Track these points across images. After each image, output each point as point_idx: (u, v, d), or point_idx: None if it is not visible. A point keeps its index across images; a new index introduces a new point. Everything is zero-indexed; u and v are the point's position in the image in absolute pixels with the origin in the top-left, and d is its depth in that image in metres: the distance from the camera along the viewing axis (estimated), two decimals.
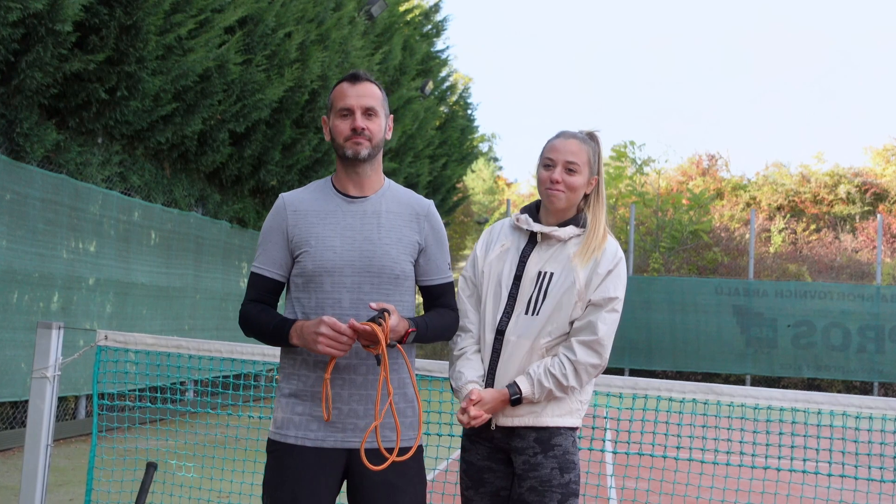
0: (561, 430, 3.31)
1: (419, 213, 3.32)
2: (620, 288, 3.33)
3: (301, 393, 3.17)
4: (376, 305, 3.03)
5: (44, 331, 5.03)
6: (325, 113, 14.71)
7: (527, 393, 3.26)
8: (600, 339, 3.26)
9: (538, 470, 3.27)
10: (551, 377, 3.25)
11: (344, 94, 3.23)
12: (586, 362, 3.27)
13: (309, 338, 3.02)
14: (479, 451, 3.42)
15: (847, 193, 29.92)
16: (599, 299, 3.29)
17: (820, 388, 20.00)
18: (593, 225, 3.40)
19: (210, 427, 7.04)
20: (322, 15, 14.67)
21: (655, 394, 4.68)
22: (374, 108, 3.22)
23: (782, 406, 4.53)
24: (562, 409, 3.32)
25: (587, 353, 3.27)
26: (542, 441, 3.30)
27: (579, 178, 3.40)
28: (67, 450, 9.42)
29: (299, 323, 3.09)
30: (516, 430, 3.33)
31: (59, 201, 9.89)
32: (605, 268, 3.31)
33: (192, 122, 11.69)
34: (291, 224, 3.23)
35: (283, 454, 3.14)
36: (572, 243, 3.39)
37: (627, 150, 28.86)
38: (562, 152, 3.41)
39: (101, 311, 10.81)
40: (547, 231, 3.40)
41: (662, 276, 22.35)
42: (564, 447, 3.30)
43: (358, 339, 3.01)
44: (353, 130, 3.19)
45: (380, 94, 3.28)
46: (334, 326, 2.97)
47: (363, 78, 3.25)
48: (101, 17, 9.65)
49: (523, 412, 3.30)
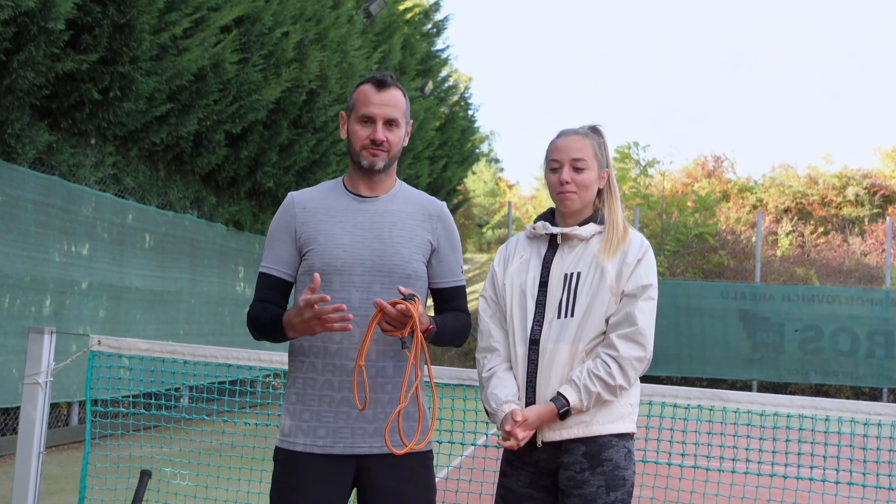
0: (613, 441, 3.17)
1: (432, 213, 3.31)
2: (653, 275, 3.24)
3: (309, 398, 3.14)
4: (405, 290, 3.01)
5: (35, 336, 5.03)
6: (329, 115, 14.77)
7: (574, 403, 3.12)
8: (640, 328, 3.16)
9: (583, 487, 3.12)
10: (597, 380, 3.12)
11: (368, 101, 3.18)
12: (630, 356, 3.15)
13: (302, 328, 2.97)
14: (522, 478, 3.26)
15: (856, 195, 29.90)
16: (634, 288, 3.19)
17: (828, 394, 19.98)
18: (611, 219, 3.33)
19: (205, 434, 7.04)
20: (320, 14, 14.69)
21: (660, 400, 4.68)
22: (396, 119, 3.19)
23: (789, 412, 4.53)
24: (612, 414, 3.18)
25: (629, 346, 3.16)
26: (592, 455, 3.14)
27: (589, 175, 3.33)
28: (60, 457, 9.42)
29: (286, 316, 3.03)
30: (563, 445, 3.17)
31: (51, 203, 9.89)
32: (635, 256, 3.23)
33: (188, 122, 11.70)
34: (300, 221, 3.20)
35: (290, 462, 3.11)
36: (595, 241, 3.30)
37: (631, 152, 28.85)
38: (566, 151, 3.35)
39: (94, 316, 10.81)
40: (567, 231, 3.32)
41: (667, 280, 22.34)
42: (615, 461, 3.15)
43: (381, 322, 2.97)
44: (373, 142, 3.16)
45: (404, 102, 3.24)
46: (310, 304, 2.89)
47: (390, 84, 3.20)
48: (94, 16, 9.66)
49: (571, 423, 3.15)
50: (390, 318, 2.96)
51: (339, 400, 3.11)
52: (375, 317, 2.98)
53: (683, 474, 5.02)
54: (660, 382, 19.65)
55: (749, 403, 4.60)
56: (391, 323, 2.97)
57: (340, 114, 3.33)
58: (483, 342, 3.38)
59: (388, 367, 3.14)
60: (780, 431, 5.03)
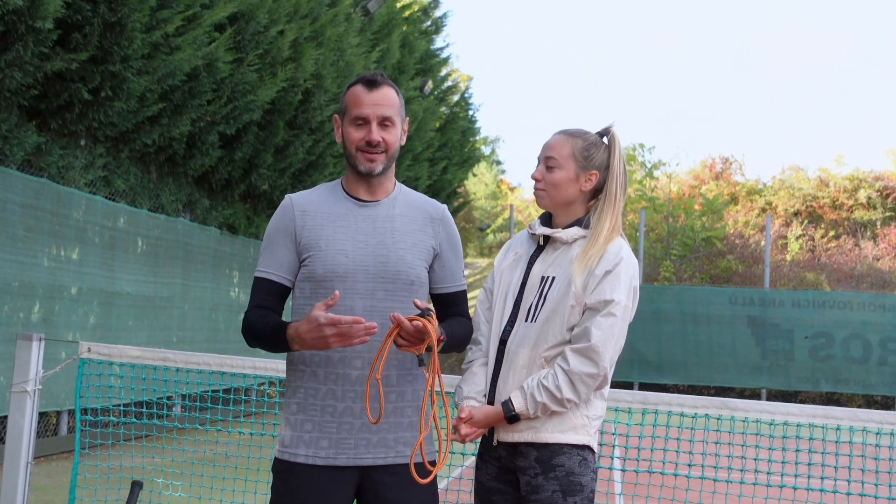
0: (564, 449, 3.21)
1: (434, 216, 3.32)
2: (620, 290, 3.20)
3: (310, 408, 3.13)
4: (421, 304, 3.02)
5: (24, 343, 5.03)
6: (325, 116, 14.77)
7: (520, 408, 3.19)
8: (594, 345, 3.14)
9: (539, 493, 3.19)
10: (544, 390, 3.16)
11: (359, 101, 3.18)
12: (580, 371, 3.15)
13: (315, 343, 2.94)
14: (489, 471, 3.37)
15: (868, 198, 29.93)
16: (594, 302, 3.19)
17: (839, 402, 19.98)
18: (597, 226, 3.31)
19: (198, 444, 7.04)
20: (316, 11, 14.71)
21: (666, 409, 4.68)
22: (390, 117, 3.18)
23: (799, 422, 4.54)
24: (563, 424, 3.22)
25: (581, 361, 3.16)
26: (543, 461, 3.20)
27: (559, 174, 3.35)
28: (49, 468, 9.42)
29: (292, 329, 2.99)
30: (519, 448, 3.26)
31: (40, 206, 9.90)
32: (603, 268, 3.21)
33: (180, 123, 11.71)
34: (300, 225, 3.19)
35: (290, 474, 3.11)
36: (577, 246, 3.32)
37: (637, 153, 28.91)
38: (543, 149, 3.42)
39: (85, 322, 10.81)
40: (549, 233, 3.36)
41: (674, 286, 22.35)
42: (568, 467, 3.20)
43: (396, 338, 2.98)
44: (368, 143, 3.16)
45: (397, 99, 3.24)
46: (335, 322, 2.86)
47: (381, 82, 3.20)
48: (84, 14, 9.67)
49: (523, 427, 3.23)
50: (406, 333, 2.98)
51: (341, 410, 3.11)
52: (393, 331, 2.99)
53: (690, 485, 5.02)
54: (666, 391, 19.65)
55: (758, 412, 4.60)
56: (407, 339, 2.99)
57: (334, 117, 3.33)
58: (473, 333, 3.45)
59: (393, 377, 3.15)
60: (789, 441, 5.04)
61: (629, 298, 3.25)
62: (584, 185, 3.38)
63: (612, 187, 3.38)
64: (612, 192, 3.38)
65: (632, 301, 3.29)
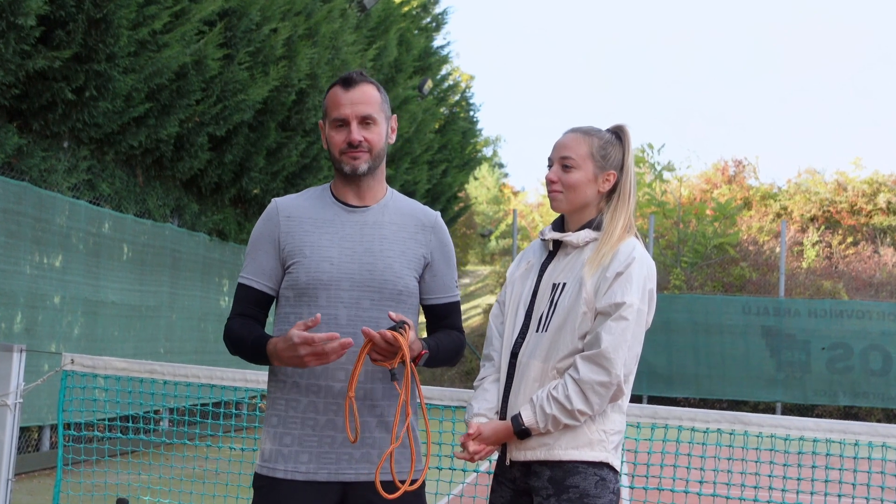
0: (580, 468, 3.14)
1: (425, 224, 3.31)
2: (632, 292, 3.16)
3: (290, 420, 3.14)
4: (396, 316, 3.01)
5: (4, 354, 5.04)
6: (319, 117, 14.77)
7: (529, 422, 3.14)
8: (604, 351, 3.09)
9: None
10: (554, 401, 3.11)
11: (337, 102, 3.20)
12: (591, 380, 3.09)
13: (292, 362, 2.99)
14: (504, 494, 3.31)
15: (887, 203, 29.92)
16: (606, 306, 3.15)
17: (858, 416, 19.98)
18: (609, 227, 3.29)
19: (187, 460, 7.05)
20: (311, 7, 14.72)
21: (677, 423, 4.69)
22: (371, 115, 3.19)
23: (816, 437, 4.54)
24: (578, 440, 3.15)
25: (591, 368, 3.10)
26: (556, 481, 3.14)
27: (577, 174, 3.32)
28: (30, 485, 9.42)
29: (271, 345, 3.04)
30: (532, 467, 3.20)
31: (21, 211, 9.90)
32: (615, 270, 3.18)
33: (168, 124, 11.71)
34: (284, 231, 3.20)
35: (270, 490, 3.11)
36: (589, 249, 3.29)
37: (645, 155, 28.86)
38: (558, 149, 3.38)
39: (68, 333, 10.81)
40: (558, 237, 3.34)
41: (684, 294, 22.35)
42: (582, 489, 3.12)
43: (370, 352, 2.98)
44: (350, 144, 3.17)
45: (377, 95, 3.25)
46: (308, 341, 2.90)
47: (358, 80, 3.22)
48: (68, 10, 9.68)
49: (534, 445, 3.17)
50: (378, 348, 2.97)
51: (323, 423, 3.12)
52: (365, 346, 2.99)
53: (701, 503, 5.02)
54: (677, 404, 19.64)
55: (773, 427, 4.61)
56: (380, 353, 2.98)
57: (319, 123, 3.34)
58: (485, 348, 3.44)
59: (377, 390, 3.15)
60: (805, 457, 5.04)
61: (643, 301, 3.23)
62: (601, 186, 3.36)
63: (627, 188, 3.37)
64: (626, 191, 3.37)
65: (646, 304, 3.26)
